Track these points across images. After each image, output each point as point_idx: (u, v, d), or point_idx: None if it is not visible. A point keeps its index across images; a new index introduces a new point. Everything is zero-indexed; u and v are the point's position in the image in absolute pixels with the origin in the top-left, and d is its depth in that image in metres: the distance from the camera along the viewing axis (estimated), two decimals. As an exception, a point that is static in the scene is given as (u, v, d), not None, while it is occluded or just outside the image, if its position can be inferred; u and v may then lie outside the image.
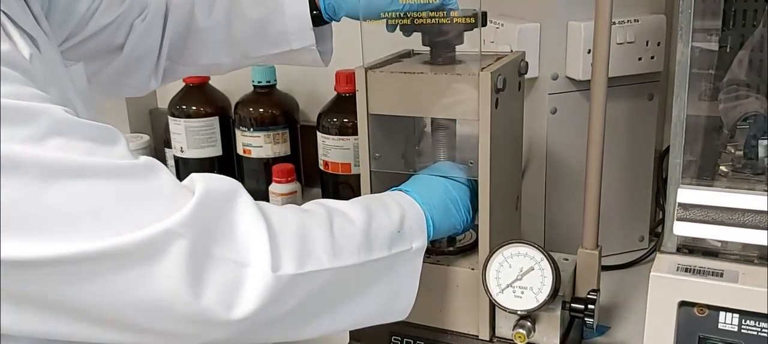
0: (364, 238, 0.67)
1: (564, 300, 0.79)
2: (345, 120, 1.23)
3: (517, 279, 0.76)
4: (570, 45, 0.97)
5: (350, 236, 0.67)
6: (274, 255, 0.59)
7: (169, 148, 1.45)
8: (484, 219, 0.78)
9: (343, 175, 1.25)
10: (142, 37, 0.89)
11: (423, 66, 0.81)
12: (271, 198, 1.29)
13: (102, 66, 0.89)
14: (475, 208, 0.80)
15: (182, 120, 1.37)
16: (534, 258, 0.75)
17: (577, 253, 0.83)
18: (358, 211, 0.69)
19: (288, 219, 0.63)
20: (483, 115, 0.74)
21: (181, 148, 1.39)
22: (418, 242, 0.73)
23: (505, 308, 0.77)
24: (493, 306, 0.79)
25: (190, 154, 1.38)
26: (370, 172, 0.83)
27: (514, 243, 0.76)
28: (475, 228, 0.81)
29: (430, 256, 0.82)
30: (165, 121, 1.42)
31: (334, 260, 0.64)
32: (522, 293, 0.76)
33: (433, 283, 0.81)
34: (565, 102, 1.00)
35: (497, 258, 0.77)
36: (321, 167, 1.28)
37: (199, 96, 1.39)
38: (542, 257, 0.75)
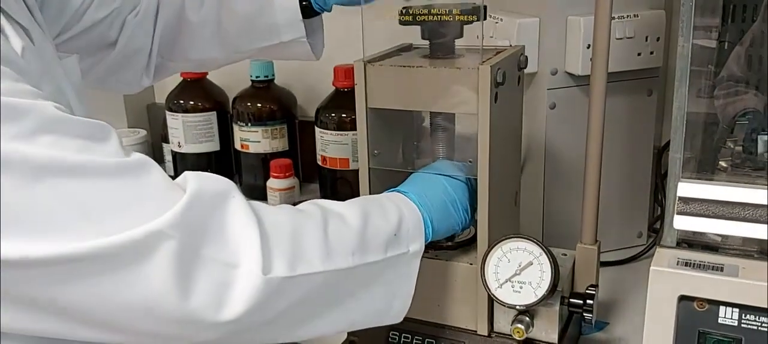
0: (359, 241, 0.67)
1: (563, 295, 0.79)
2: (343, 115, 1.22)
3: (515, 274, 0.76)
4: (569, 40, 0.97)
5: (345, 238, 0.66)
6: (265, 257, 0.58)
7: (166, 142, 1.44)
8: (483, 214, 0.78)
9: (341, 171, 1.25)
10: (135, 33, 0.89)
11: (422, 60, 0.81)
12: (268, 193, 1.29)
13: (94, 63, 0.89)
14: (474, 207, 0.79)
15: (180, 115, 1.37)
16: (533, 253, 0.75)
17: (575, 249, 0.83)
18: (354, 213, 0.68)
19: (281, 221, 0.62)
20: (482, 109, 0.74)
21: (179, 143, 1.38)
22: (415, 245, 0.72)
23: (504, 303, 0.76)
24: (492, 301, 0.79)
25: (188, 148, 1.38)
26: (369, 167, 0.82)
27: (513, 238, 0.76)
28: (474, 224, 0.81)
29: (428, 251, 0.81)
30: (162, 115, 1.42)
31: (327, 263, 0.63)
32: (521, 288, 0.76)
33: (431, 278, 0.81)
34: (564, 97, 1.00)
35: (496, 253, 0.76)
36: (319, 162, 1.28)
37: (196, 91, 1.38)
38: (541, 252, 0.75)
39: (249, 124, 1.33)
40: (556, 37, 0.97)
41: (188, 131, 1.37)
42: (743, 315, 0.62)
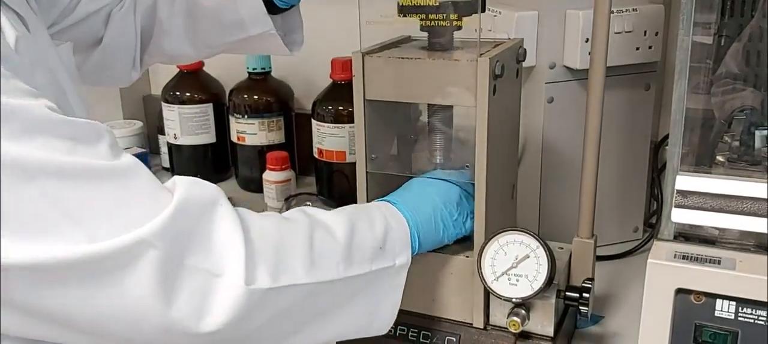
0: (345, 252, 0.66)
1: (559, 288, 0.79)
2: (340, 108, 1.22)
3: (512, 267, 0.76)
4: (568, 34, 0.97)
5: (330, 250, 0.66)
6: (248, 267, 0.58)
7: (162, 134, 1.44)
8: (480, 207, 0.77)
9: (337, 164, 1.25)
10: (119, 28, 0.89)
11: (420, 51, 0.81)
12: (264, 186, 1.28)
13: (82, 61, 0.88)
14: (471, 215, 0.79)
15: (176, 106, 1.36)
16: (530, 245, 0.75)
17: (572, 242, 0.83)
18: (340, 224, 0.68)
19: (267, 230, 0.62)
20: (481, 101, 0.74)
21: (175, 135, 1.38)
22: (402, 258, 0.72)
23: (500, 296, 0.76)
24: (488, 293, 0.79)
25: (184, 140, 1.38)
26: (366, 158, 0.82)
27: (510, 230, 0.76)
28: (471, 216, 0.81)
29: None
30: (158, 107, 1.42)
31: (311, 274, 0.63)
32: (517, 281, 0.76)
33: (427, 271, 0.81)
34: (561, 91, 1.00)
35: (493, 246, 0.76)
36: (315, 155, 1.27)
37: (193, 82, 1.38)
38: (538, 245, 0.75)
39: (245, 116, 1.33)
40: (555, 30, 0.97)
41: (184, 123, 1.37)
42: (740, 308, 0.62)
